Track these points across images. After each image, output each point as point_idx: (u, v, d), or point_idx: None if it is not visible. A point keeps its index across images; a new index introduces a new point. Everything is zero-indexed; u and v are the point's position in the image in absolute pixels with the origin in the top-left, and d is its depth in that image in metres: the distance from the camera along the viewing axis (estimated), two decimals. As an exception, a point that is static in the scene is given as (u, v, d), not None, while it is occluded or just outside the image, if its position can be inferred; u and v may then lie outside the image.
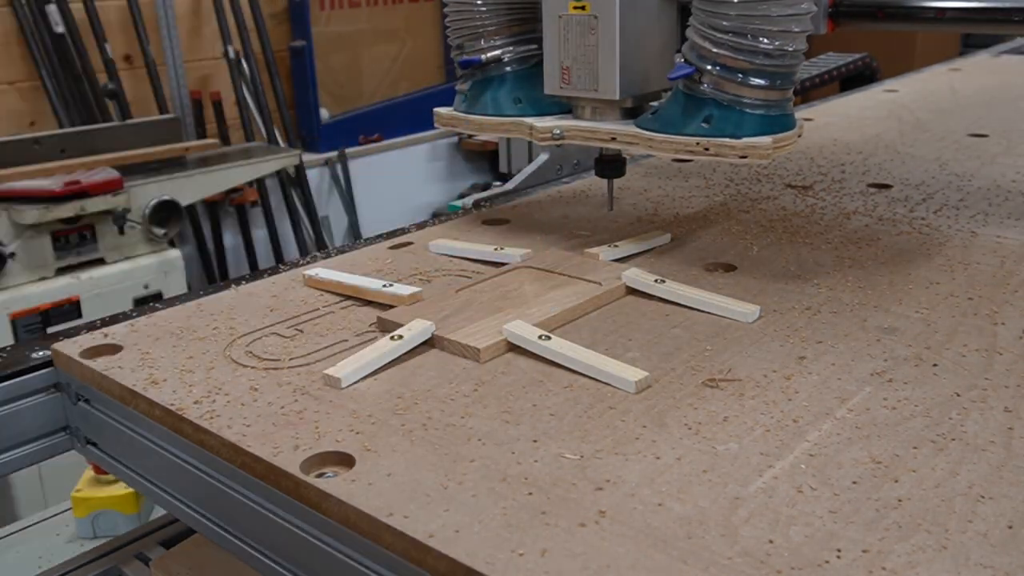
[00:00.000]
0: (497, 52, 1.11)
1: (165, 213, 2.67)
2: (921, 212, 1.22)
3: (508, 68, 1.11)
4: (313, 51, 3.84)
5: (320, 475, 0.66)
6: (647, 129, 0.98)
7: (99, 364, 0.85)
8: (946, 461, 0.65)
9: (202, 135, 3.43)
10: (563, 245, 1.11)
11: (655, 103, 1.04)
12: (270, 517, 0.69)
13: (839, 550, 0.56)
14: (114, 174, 2.53)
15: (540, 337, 0.82)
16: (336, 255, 1.14)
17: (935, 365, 0.79)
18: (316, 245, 3.62)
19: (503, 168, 1.92)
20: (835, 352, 0.82)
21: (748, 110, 0.92)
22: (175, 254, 2.70)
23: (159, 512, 1.24)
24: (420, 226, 1.25)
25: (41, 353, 0.91)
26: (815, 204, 1.26)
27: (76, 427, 0.91)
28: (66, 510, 1.31)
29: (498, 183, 1.50)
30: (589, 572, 0.55)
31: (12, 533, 1.29)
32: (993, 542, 0.56)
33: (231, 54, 3.45)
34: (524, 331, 0.84)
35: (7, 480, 2.10)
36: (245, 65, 3.49)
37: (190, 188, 2.79)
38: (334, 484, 0.64)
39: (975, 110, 1.87)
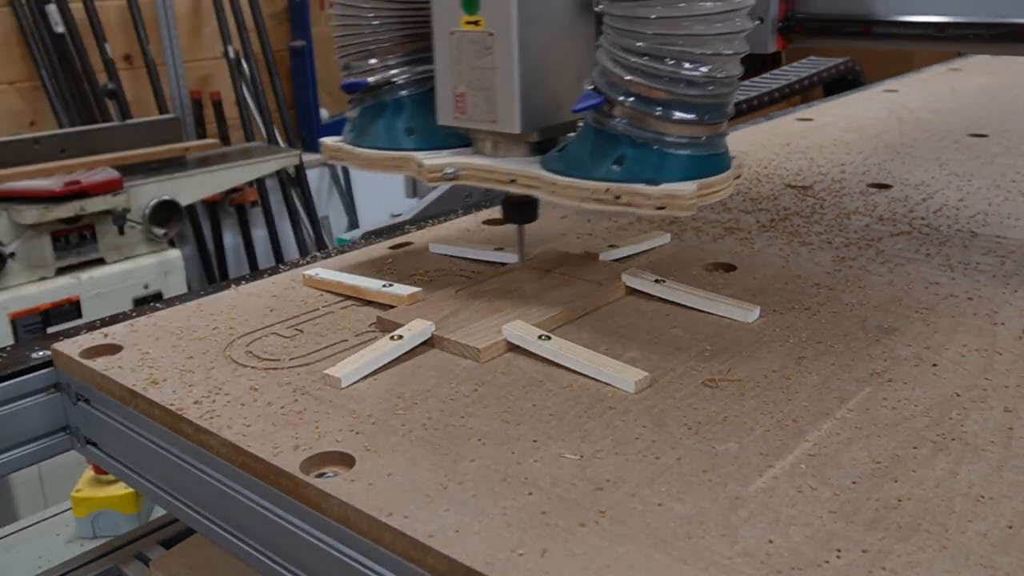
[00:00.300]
0: (387, 74, 0.95)
1: (165, 213, 2.67)
2: (921, 212, 1.22)
3: (402, 92, 0.96)
4: (313, 51, 3.84)
5: (320, 475, 0.66)
6: (552, 170, 0.83)
7: (99, 364, 0.85)
8: (946, 461, 0.65)
9: (202, 135, 3.43)
10: (563, 245, 1.11)
11: (571, 135, 0.88)
12: (270, 517, 0.69)
13: (839, 550, 0.56)
14: (114, 174, 2.53)
15: (540, 337, 0.82)
16: (336, 255, 1.14)
17: (935, 365, 0.79)
18: (316, 245, 3.62)
19: (408, 192, 1.72)
20: (835, 352, 0.82)
21: (669, 150, 0.78)
22: (175, 254, 2.70)
23: (159, 512, 1.24)
24: (420, 226, 1.25)
25: (41, 353, 0.91)
26: (815, 204, 1.26)
27: (76, 427, 0.91)
28: (66, 510, 1.31)
29: (399, 213, 1.37)
30: (589, 572, 0.55)
31: (12, 533, 1.28)
32: (993, 542, 0.56)
33: (231, 54, 3.44)
34: (524, 331, 0.84)
35: (7, 480, 2.10)
36: (245, 65, 3.49)
37: (190, 188, 2.78)
38: (334, 484, 0.64)
39: (975, 110, 1.87)
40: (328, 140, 1.01)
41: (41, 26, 3.04)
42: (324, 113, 3.92)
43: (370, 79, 0.95)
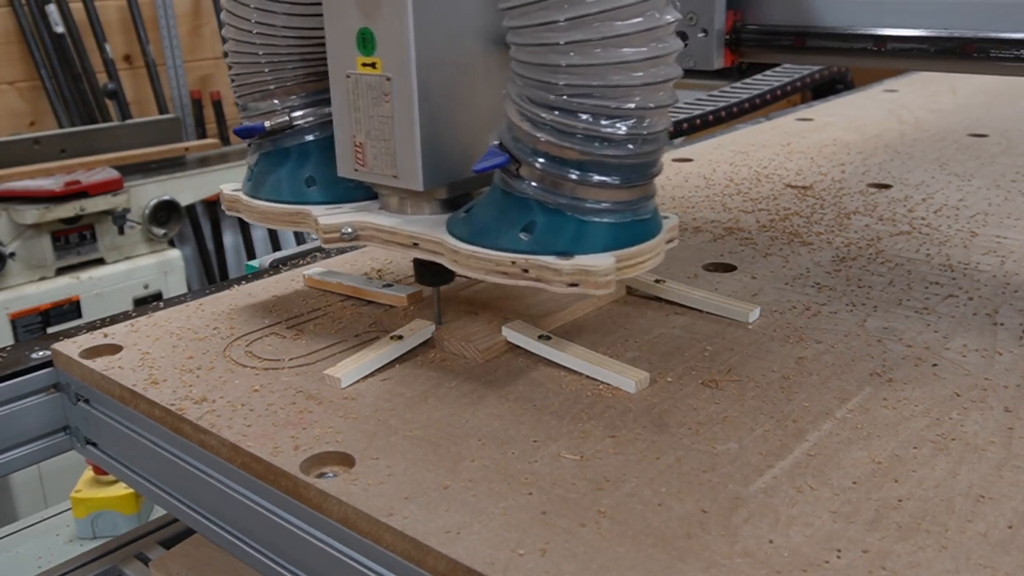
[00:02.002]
0: (288, 116, 0.85)
1: (165, 213, 2.67)
2: (921, 212, 1.22)
3: (306, 137, 0.86)
4: (313, 51, 3.84)
5: (320, 475, 0.66)
6: (456, 235, 0.74)
7: (99, 364, 0.85)
8: (946, 461, 0.65)
9: (202, 135, 3.43)
10: (563, 245, 1.11)
11: (484, 190, 0.77)
12: (270, 517, 0.69)
13: (839, 550, 0.56)
14: (114, 174, 2.53)
15: (540, 337, 0.82)
16: (336, 255, 1.14)
17: (935, 365, 0.79)
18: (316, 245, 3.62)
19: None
20: (835, 352, 0.82)
21: (586, 217, 0.68)
22: (175, 254, 2.70)
23: (159, 512, 1.24)
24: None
25: (41, 353, 0.91)
26: (815, 204, 1.26)
27: (76, 427, 0.91)
28: (66, 510, 1.31)
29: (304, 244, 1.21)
30: (589, 572, 0.55)
31: (12, 533, 1.29)
32: (993, 542, 0.56)
33: (231, 54, 3.45)
34: (524, 331, 0.84)
35: (7, 480, 2.10)
36: (245, 65, 3.49)
37: (190, 188, 2.79)
38: (334, 484, 0.64)
39: (975, 110, 1.87)
40: (226, 188, 0.92)
41: (41, 26, 3.04)
42: (324, 113, 3.92)
43: (267, 123, 0.85)
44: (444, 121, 0.74)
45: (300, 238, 3.57)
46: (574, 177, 0.67)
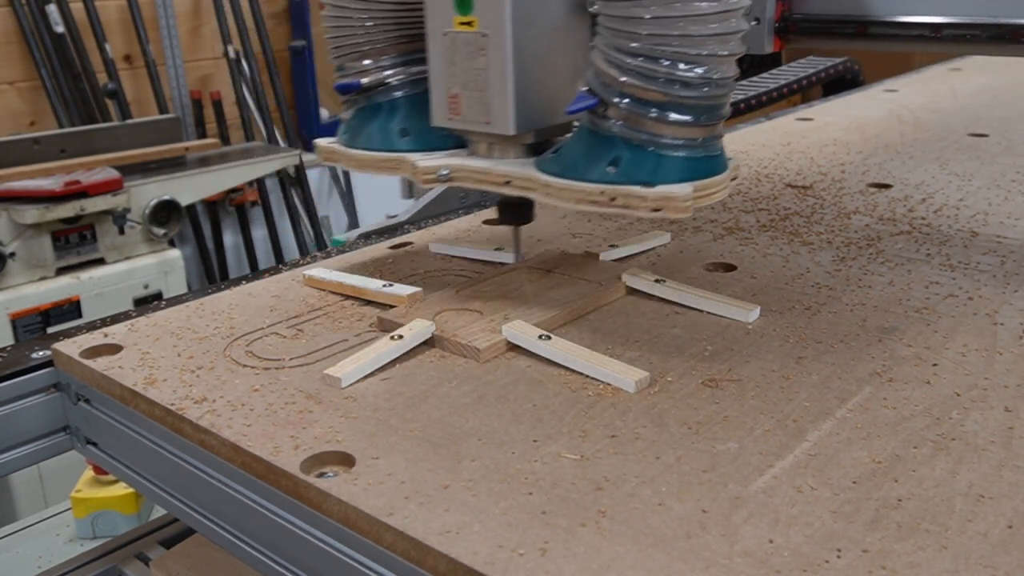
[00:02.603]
0: (381, 75, 0.95)
1: (165, 213, 2.67)
2: (921, 212, 1.22)
3: (396, 94, 0.95)
4: (313, 51, 3.84)
5: (320, 475, 0.66)
6: (546, 172, 0.83)
7: (99, 364, 0.85)
8: (946, 461, 0.65)
9: (202, 135, 3.43)
10: (563, 245, 1.11)
11: (567, 136, 0.88)
12: (270, 517, 0.69)
13: (839, 550, 0.56)
14: (114, 174, 2.53)
15: (540, 337, 0.82)
16: (336, 255, 1.14)
17: (935, 365, 0.79)
18: (316, 245, 3.62)
19: (404, 193, 1.74)
20: (835, 352, 0.82)
21: (664, 152, 0.77)
22: (175, 254, 2.70)
23: (159, 512, 1.24)
24: (419, 226, 1.25)
25: (41, 353, 0.91)
26: (815, 204, 1.26)
27: (76, 427, 0.91)
28: (66, 510, 1.31)
29: (394, 214, 1.35)
30: (589, 572, 0.55)
31: (12, 533, 1.29)
32: (993, 542, 0.56)
33: (231, 54, 3.44)
34: (524, 331, 0.84)
35: (7, 480, 2.10)
36: (245, 65, 3.49)
37: (190, 188, 2.78)
38: (334, 484, 0.64)
39: (975, 110, 1.87)
40: (322, 141, 1.01)
41: (41, 26, 3.04)
42: (324, 113, 3.92)
43: (364, 80, 0.94)
44: (531, 74, 0.84)
45: (301, 241, 3.58)
46: (654, 115, 0.76)
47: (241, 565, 0.75)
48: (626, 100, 0.77)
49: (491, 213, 1.27)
